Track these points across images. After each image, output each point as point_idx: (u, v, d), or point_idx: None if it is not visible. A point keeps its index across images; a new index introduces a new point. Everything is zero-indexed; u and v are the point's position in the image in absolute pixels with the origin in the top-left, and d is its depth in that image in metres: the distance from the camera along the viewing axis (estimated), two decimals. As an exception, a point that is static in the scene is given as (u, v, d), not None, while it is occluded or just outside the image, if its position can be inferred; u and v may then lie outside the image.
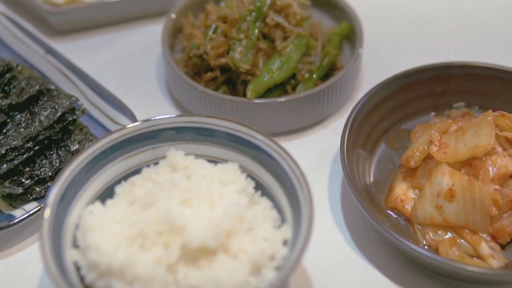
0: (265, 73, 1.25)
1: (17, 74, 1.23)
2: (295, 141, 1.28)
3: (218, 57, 1.27)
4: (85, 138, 1.20)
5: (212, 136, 1.07)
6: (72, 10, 1.42)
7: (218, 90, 1.29)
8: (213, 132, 1.07)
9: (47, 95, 1.20)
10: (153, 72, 1.41)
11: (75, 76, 1.30)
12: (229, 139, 1.07)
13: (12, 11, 1.52)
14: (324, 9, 1.43)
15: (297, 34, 1.29)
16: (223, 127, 1.06)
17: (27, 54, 1.35)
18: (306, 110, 1.25)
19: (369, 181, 1.18)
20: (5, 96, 1.21)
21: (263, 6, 1.27)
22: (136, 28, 1.49)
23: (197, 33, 1.30)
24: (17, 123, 1.17)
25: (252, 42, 1.25)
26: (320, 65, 1.29)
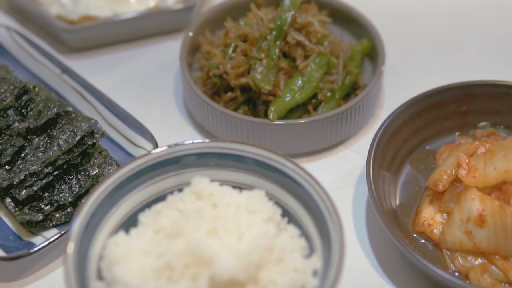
0: (286, 93, 1.23)
1: (34, 96, 1.21)
2: (317, 162, 1.26)
3: (238, 77, 1.24)
4: (105, 161, 1.17)
5: (237, 161, 1.05)
6: (87, 27, 1.39)
7: (238, 110, 1.26)
8: (238, 158, 1.04)
9: (65, 117, 1.18)
10: (170, 90, 1.38)
11: (92, 96, 1.27)
12: (255, 165, 1.04)
13: (24, 27, 1.50)
14: (343, 25, 1.40)
15: (318, 53, 1.26)
16: (248, 152, 1.04)
17: (42, 73, 1.32)
18: (329, 130, 1.23)
19: (395, 204, 1.16)
20: (23, 119, 1.18)
21: (284, 25, 1.25)
22: (152, 45, 1.46)
23: (217, 52, 1.27)
24: (35, 147, 1.15)
25: (274, 61, 1.23)
26: (342, 84, 1.27)
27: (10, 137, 1.15)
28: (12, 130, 1.16)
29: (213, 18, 1.39)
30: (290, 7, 1.26)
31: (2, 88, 1.21)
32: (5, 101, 1.19)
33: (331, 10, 1.40)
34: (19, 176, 1.10)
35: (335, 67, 1.29)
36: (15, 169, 1.12)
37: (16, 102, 1.20)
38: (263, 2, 1.41)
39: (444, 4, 1.55)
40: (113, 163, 1.17)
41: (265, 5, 1.41)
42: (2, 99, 1.20)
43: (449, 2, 1.56)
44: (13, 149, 1.13)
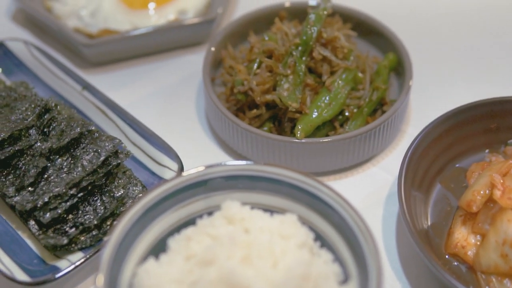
0: (313, 111, 1.20)
1: (56, 114, 1.18)
2: (344, 180, 1.23)
3: (264, 93, 1.22)
4: (129, 182, 1.15)
5: (268, 184, 1.02)
6: (107, 42, 1.37)
7: (262, 127, 1.24)
8: (269, 180, 1.02)
9: (88, 137, 1.15)
10: (192, 105, 1.35)
11: (114, 114, 1.25)
12: (286, 187, 1.02)
13: (41, 40, 1.47)
14: (367, 38, 1.38)
15: (345, 68, 1.24)
16: (280, 175, 1.01)
17: (62, 90, 1.30)
18: (357, 148, 1.20)
19: (427, 225, 1.13)
20: (45, 139, 1.16)
21: (310, 40, 1.22)
22: (172, 58, 1.44)
23: (241, 68, 1.25)
24: (58, 168, 1.12)
25: (300, 78, 1.20)
26: (370, 100, 1.24)
27: (33, 157, 1.13)
28: (35, 150, 1.14)
29: (235, 32, 1.37)
30: (316, 22, 1.24)
31: (23, 106, 1.19)
32: (27, 120, 1.17)
33: (355, 23, 1.37)
34: (43, 198, 1.08)
35: (361, 82, 1.26)
36: (39, 191, 1.10)
37: (38, 121, 1.17)
38: (286, 14, 1.39)
39: (473, 17, 1.53)
40: (138, 183, 1.15)
41: (287, 18, 1.39)
42: (24, 117, 1.17)
43: (478, 15, 1.53)
44: (36, 170, 1.11)
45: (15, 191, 1.10)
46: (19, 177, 1.12)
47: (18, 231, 1.13)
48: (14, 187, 1.11)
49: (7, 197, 1.10)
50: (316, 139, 1.18)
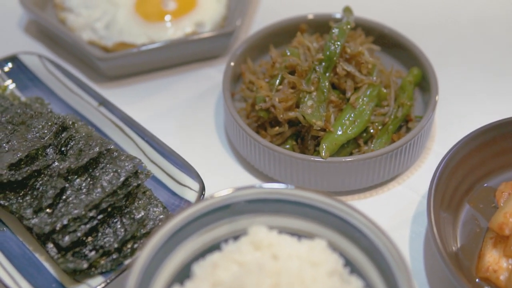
0: (338, 128, 1.17)
1: (74, 133, 1.15)
2: (368, 199, 1.20)
3: (287, 110, 1.18)
4: (149, 202, 1.12)
5: (295, 207, 0.99)
6: (123, 55, 1.33)
7: (284, 144, 1.21)
8: (297, 204, 0.99)
9: (107, 156, 1.12)
10: (210, 120, 1.32)
11: (132, 131, 1.21)
12: (314, 211, 0.99)
13: (54, 53, 1.44)
14: (389, 51, 1.34)
15: (369, 84, 1.21)
16: (308, 199, 0.98)
17: (78, 105, 1.27)
18: (382, 167, 1.17)
19: (456, 247, 1.10)
20: (63, 158, 1.12)
21: (333, 55, 1.19)
22: (189, 72, 1.40)
23: (263, 84, 1.21)
24: (77, 189, 1.09)
25: (324, 95, 1.17)
26: (395, 117, 1.21)
27: (50, 177, 1.10)
28: (52, 170, 1.10)
29: (254, 45, 1.33)
30: (339, 36, 1.21)
31: (39, 123, 1.16)
32: (43, 138, 1.14)
33: (377, 36, 1.34)
34: (62, 221, 1.04)
35: (386, 98, 1.23)
36: (57, 213, 1.06)
37: (55, 139, 1.14)
38: (306, 27, 1.35)
39: (501, 30, 1.49)
40: (158, 204, 1.12)
41: (308, 30, 1.36)
42: (41, 136, 1.14)
43: (507, 28, 1.49)
44: (55, 192, 1.07)
45: (33, 213, 1.07)
46: (37, 198, 1.08)
47: (36, 254, 1.10)
48: (31, 208, 1.07)
49: (25, 219, 1.07)
50: (341, 158, 1.15)
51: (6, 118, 1.19)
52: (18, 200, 1.09)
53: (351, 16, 1.28)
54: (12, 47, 1.42)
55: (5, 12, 1.52)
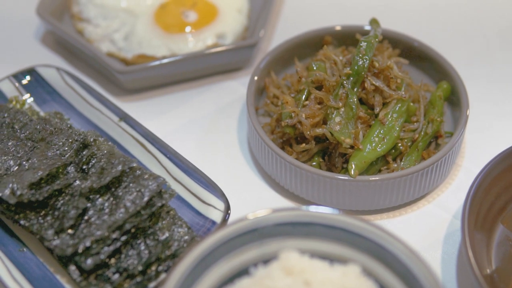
0: (367, 146, 1.13)
1: (96, 150, 1.11)
2: (398, 218, 1.16)
3: (314, 127, 1.15)
4: (173, 222, 1.08)
5: (326, 230, 0.96)
6: (144, 69, 1.30)
7: (311, 161, 1.17)
8: (329, 227, 0.95)
9: (130, 175, 1.09)
10: (233, 135, 1.28)
11: (154, 147, 1.18)
12: (346, 235, 0.95)
13: (71, 65, 1.40)
14: (415, 64, 1.31)
15: (398, 99, 1.17)
16: (340, 222, 0.95)
17: (98, 120, 1.24)
18: (412, 185, 1.14)
19: (490, 269, 1.06)
20: (84, 177, 1.09)
21: (362, 70, 1.16)
22: (210, 84, 1.37)
23: (289, 99, 1.18)
24: (99, 209, 1.06)
25: (353, 111, 1.13)
26: (425, 133, 1.18)
27: (72, 197, 1.06)
28: (74, 189, 1.07)
29: (278, 58, 1.30)
30: (367, 50, 1.17)
31: (59, 140, 1.13)
32: (64, 156, 1.11)
33: (403, 48, 1.30)
34: (85, 242, 1.01)
35: (415, 114, 1.20)
36: (79, 234, 1.03)
37: (76, 157, 1.11)
38: (330, 39, 1.32)
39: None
40: (183, 224, 1.08)
41: (332, 42, 1.32)
42: (61, 153, 1.11)
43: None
44: (77, 212, 1.04)
45: (54, 234, 1.04)
46: (58, 219, 1.05)
47: (57, 276, 1.07)
48: (53, 229, 1.04)
49: (46, 240, 1.04)
50: (371, 177, 1.11)
51: (25, 134, 1.16)
52: (39, 220, 1.06)
53: (379, 29, 1.24)
54: (29, 58, 1.39)
55: (21, 22, 1.48)
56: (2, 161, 1.11)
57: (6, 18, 1.50)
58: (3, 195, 1.05)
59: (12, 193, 1.04)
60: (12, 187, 1.05)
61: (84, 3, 1.46)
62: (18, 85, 1.28)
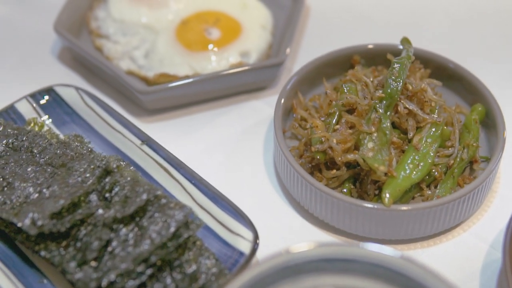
0: (400, 173, 1.09)
1: (119, 177, 1.07)
2: (432, 248, 1.12)
3: (345, 152, 1.10)
4: (201, 254, 1.04)
5: (363, 267, 0.91)
6: (166, 89, 1.25)
7: (341, 187, 1.13)
8: (365, 263, 0.91)
9: (155, 203, 1.04)
10: (259, 158, 1.24)
11: (178, 173, 1.14)
12: (384, 270, 0.90)
13: (89, 83, 1.36)
14: (447, 84, 1.26)
15: (432, 123, 1.13)
16: (378, 258, 0.90)
17: (120, 143, 1.19)
18: (448, 214, 1.09)
19: (532, 305, 1.02)
20: (107, 205, 1.05)
21: (395, 93, 1.11)
22: (234, 104, 1.32)
23: (318, 124, 1.13)
24: (123, 240, 1.01)
25: (386, 137, 1.09)
26: (461, 159, 1.13)
27: (95, 227, 1.02)
28: (96, 219, 1.03)
29: (304, 78, 1.25)
30: (400, 72, 1.13)
31: (81, 166, 1.08)
32: (86, 183, 1.06)
33: (434, 67, 1.26)
34: (109, 276, 0.97)
35: (449, 138, 1.15)
36: (103, 267, 0.99)
37: (98, 184, 1.06)
38: (359, 59, 1.27)
39: None
40: (210, 255, 1.04)
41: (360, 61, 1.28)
42: (83, 180, 1.06)
43: None
44: (100, 243, 1.00)
45: (77, 266, 0.99)
46: (81, 250, 1.01)
47: (79, 310, 1.02)
48: (75, 261, 1.00)
49: (68, 273, 1.00)
50: (405, 206, 1.06)
51: (45, 159, 1.11)
52: (61, 251, 1.01)
53: (411, 49, 1.20)
54: (45, 76, 1.36)
55: (37, 38, 1.44)
56: (22, 188, 1.07)
57: (22, 34, 1.46)
58: (23, 225, 1.00)
59: (33, 223, 1.00)
60: (32, 217, 1.00)
61: (102, 18, 1.42)
62: (36, 106, 1.24)
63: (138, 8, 1.40)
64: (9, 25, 1.47)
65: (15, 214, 1.03)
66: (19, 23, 1.47)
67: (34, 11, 1.49)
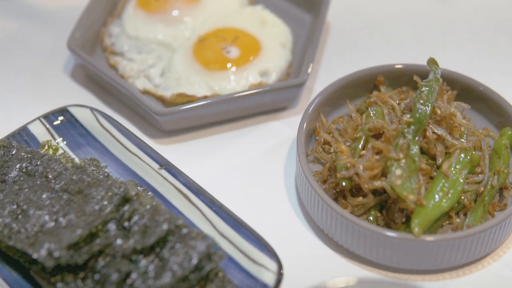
0: (430, 201, 1.05)
1: (138, 205, 1.03)
2: (462, 278, 1.08)
3: (372, 179, 1.06)
4: (223, 286, 1.00)
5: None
6: (184, 110, 1.21)
7: (367, 215, 1.09)
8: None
9: (176, 233, 1.00)
10: (280, 182, 1.20)
11: (198, 199, 1.10)
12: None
13: (103, 102, 1.32)
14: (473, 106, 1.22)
15: (461, 149, 1.09)
16: (413, 297, 0.86)
17: (137, 167, 1.15)
18: (479, 244, 1.05)
19: None
20: (125, 235, 1.00)
21: (424, 118, 1.07)
22: (254, 126, 1.28)
23: (344, 149, 1.09)
24: (142, 272, 0.97)
25: (415, 164, 1.05)
26: (491, 187, 1.09)
27: (113, 258, 0.98)
28: (115, 249, 0.99)
29: (327, 99, 1.22)
30: (429, 96, 1.09)
31: (98, 194, 1.04)
32: (104, 211, 1.02)
33: (460, 89, 1.22)
34: (129, 311, 0.93)
35: (478, 163, 1.11)
36: (122, 300, 0.95)
37: (116, 213, 1.02)
38: (383, 80, 1.24)
39: None
40: (233, 288, 1.00)
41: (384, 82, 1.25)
42: (101, 208, 1.02)
43: None
44: (119, 276, 0.96)
45: (95, 299, 0.96)
46: (99, 283, 0.97)
47: None
48: (93, 295, 0.96)
49: (86, 307, 0.96)
50: (436, 236, 1.02)
51: (61, 185, 1.07)
52: (78, 284, 0.98)
53: (438, 70, 1.16)
54: (58, 95, 1.33)
55: (50, 55, 1.40)
56: (37, 216, 1.03)
57: (35, 51, 1.42)
58: (39, 256, 0.97)
59: (49, 254, 0.96)
60: (49, 248, 0.97)
61: (117, 35, 1.38)
62: (50, 127, 1.20)
63: (153, 24, 1.36)
64: (21, 42, 1.43)
65: (30, 244, 0.99)
66: (31, 40, 1.44)
67: (46, 27, 1.46)
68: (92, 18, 1.38)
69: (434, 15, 1.50)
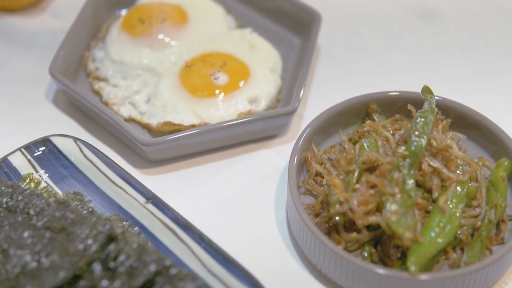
0: (426, 238, 1.01)
1: (124, 244, 0.99)
2: (459, 315, 1.05)
3: (366, 215, 1.03)
4: (213, 327, 0.96)
5: None
6: (171, 140, 1.17)
7: (361, 250, 1.06)
8: None
9: (164, 274, 0.96)
10: (270, 213, 1.16)
11: (187, 235, 1.06)
12: None
13: (85, 129, 1.27)
14: (467, 134, 1.19)
15: (457, 181, 1.06)
16: None
17: (122, 201, 1.11)
18: (478, 280, 1.02)
19: None
20: (111, 276, 0.96)
21: (419, 151, 1.04)
22: (242, 154, 1.24)
23: (337, 183, 1.06)
24: (129, 315, 0.93)
25: (411, 199, 1.01)
26: (489, 221, 1.06)
27: (98, 301, 0.94)
28: (100, 291, 0.95)
29: (318, 128, 1.18)
30: (424, 128, 1.06)
31: (82, 232, 1.00)
32: (88, 250, 0.98)
33: (454, 116, 1.19)
34: None
35: (475, 196, 1.08)
36: None
37: (101, 252, 0.98)
38: (376, 107, 1.21)
39: None
40: (223, 330, 0.96)
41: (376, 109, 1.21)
42: (85, 248, 0.98)
43: None
44: (105, 321, 0.92)
45: None
46: (83, 329, 0.93)
47: None
48: None
49: None
50: (432, 274, 0.99)
51: (43, 222, 1.03)
52: (61, 329, 0.94)
53: (433, 99, 1.13)
54: (40, 123, 1.28)
55: (31, 81, 1.35)
56: (18, 256, 0.98)
57: (15, 76, 1.37)
58: (21, 301, 0.92)
59: (31, 298, 0.92)
60: (31, 292, 0.92)
61: (100, 59, 1.34)
62: (31, 158, 1.16)
63: (138, 48, 1.32)
64: (1, 66, 1.38)
65: (11, 287, 0.95)
66: (11, 65, 1.38)
67: (27, 51, 1.41)
68: (75, 41, 1.33)
69: (426, 38, 1.47)
